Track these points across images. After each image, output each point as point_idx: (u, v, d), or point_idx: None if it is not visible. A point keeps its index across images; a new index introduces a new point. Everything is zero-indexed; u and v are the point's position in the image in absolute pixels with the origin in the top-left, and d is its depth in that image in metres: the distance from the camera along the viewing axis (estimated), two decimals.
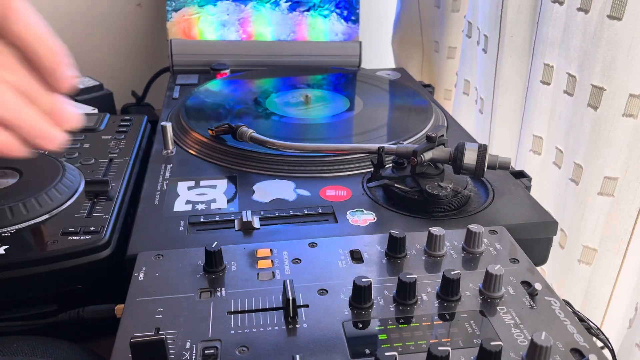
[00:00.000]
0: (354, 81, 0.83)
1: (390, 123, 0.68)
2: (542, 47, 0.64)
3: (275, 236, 0.46)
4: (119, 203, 0.50)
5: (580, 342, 0.34)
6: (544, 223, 0.49)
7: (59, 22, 1.03)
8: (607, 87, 0.53)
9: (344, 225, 0.47)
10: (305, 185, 0.54)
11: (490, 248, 0.43)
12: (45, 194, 0.48)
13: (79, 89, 0.84)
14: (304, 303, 0.37)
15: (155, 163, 0.58)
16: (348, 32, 0.98)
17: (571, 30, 0.58)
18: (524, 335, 0.35)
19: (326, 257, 0.42)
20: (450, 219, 0.49)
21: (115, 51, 1.07)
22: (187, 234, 0.46)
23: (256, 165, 0.57)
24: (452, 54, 0.95)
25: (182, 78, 0.87)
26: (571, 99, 0.60)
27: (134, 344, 0.32)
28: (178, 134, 0.64)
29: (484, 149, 0.49)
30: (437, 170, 0.51)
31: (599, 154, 0.55)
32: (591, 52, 0.55)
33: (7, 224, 0.45)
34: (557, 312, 0.37)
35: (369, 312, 0.36)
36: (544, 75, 0.64)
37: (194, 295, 0.38)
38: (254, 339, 0.34)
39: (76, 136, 0.63)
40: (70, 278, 0.43)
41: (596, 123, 0.55)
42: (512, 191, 0.53)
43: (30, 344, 0.37)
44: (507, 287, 0.39)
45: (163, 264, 0.41)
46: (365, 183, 0.54)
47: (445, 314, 0.37)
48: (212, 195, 0.52)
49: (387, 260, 0.42)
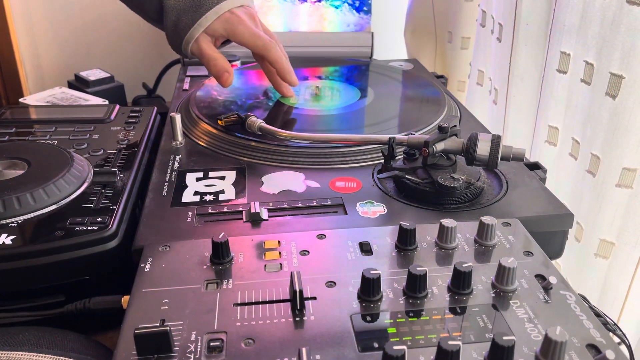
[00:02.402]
0: (365, 72, 0.82)
1: (402, 114, 0.67)
2: (558, 34, 0.62)
3: (283, 228, 0.45)
4: (127, 194, 0.50)
5: (596, 337, 0.33)
6: (560, 215, 0.47)
7: (70, 14, 1.03)
8: (626, 75, 0.52)
9: (353, 217, 0.47)
10: (315, 176, 0.53)
11: (503, 241, 0.42)
12: (53, 185, 0.47)
13: (89, 81, 0.84)
14: (311, 295, 0.36)
15: (164, 154, 0.58)
16: (360, 23, 0.96)
17: (589, 16, 0.56)
18: (537, 330, 0.34)
19: (335, 249, 0.41)
20: (462, 211, 0.48)
21: (126, 43, 1.07)
22: (194, 225, 0.46)
23: (265, 156, 0.56)
24: (466, 44, 0.93)
25: (193, 70, 0.86)
26: (588, 87, 0.58)
27: (138, 335, 0.31)
28: (187, 125, 0.63)
29: (498, 140, 0.48)
30: (450, 162, 0.50)
31: (617, 144, 0.54)
32: (610, 38, 0.53)
33: (14, 214, 0.45)
34: (572, 307, 0.36)
35: (378, 305, 0.36)
36: (561, 63, 0.63)
37: (200, 287, 0.37)
38: (261, 331, 0.33)
39: (85, 127, 0.63)
40: (77, 269, 0.43)
41: (614, 112, 0.53)
42: (527, 183, 0.52)
43: (36, 335, 0.37)
44: (520, 281, 0.38)
45: (170, 255, 0.40)
46: (375, 174, 0.53)
47: (457, 308, 0.36)
48: (221, 187, 0.51)
49: (397, 252, 0.41)
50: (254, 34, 0.63)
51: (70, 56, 1.06)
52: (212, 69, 0.64)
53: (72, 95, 0.78)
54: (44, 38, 1.04)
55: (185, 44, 0.63)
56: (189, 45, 0.63)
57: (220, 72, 0.64)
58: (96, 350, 0.39)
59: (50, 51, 1.05)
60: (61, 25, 1.04)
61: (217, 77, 0.64)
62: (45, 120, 0.65)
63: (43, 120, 0.66)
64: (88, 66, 0.92)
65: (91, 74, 0.86)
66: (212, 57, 0.63)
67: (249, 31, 0.63)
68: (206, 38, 0.63)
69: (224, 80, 0.64)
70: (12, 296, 0.43)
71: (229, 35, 0.63)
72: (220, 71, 0.64)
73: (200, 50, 0.63)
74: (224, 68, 0.64)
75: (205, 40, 0.63)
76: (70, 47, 1.06)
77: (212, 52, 0.64)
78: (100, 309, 0.41)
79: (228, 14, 0.62)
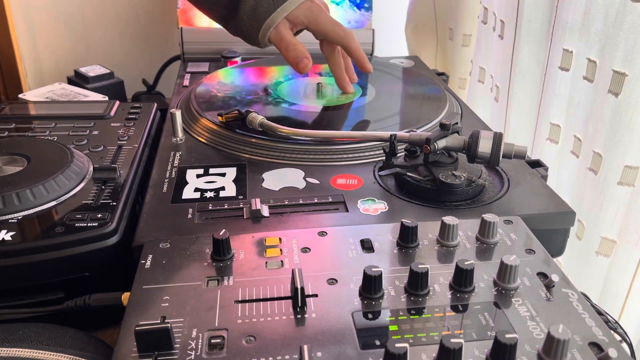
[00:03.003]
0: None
1: (403, 111, 0.67)
2: (561, 31, 0.62)
3: (284, 225, 0.45)
4: (127, 190, 0.49)
5: (598, 335, 0.33)
6: (561, 213, 0.47)
7: (69, 10, 1.03)
8: (629, 72, 0.51)
9: (354, 214, 0.46)
10: (316, 173, 0.53)
11: (505, 238, 0.42)
12: (52, 181, 0.47)
13: (89, 77, 0.83)
14: (312, 292, 0.36)
15: (164, 150, 0.57)
16: (361, 20, 0.96)
17: (592, 13, 0.56)
18: (540, 328, 0.34)
19: (336, 246, 0.41)
20: (463, 208, 0.47)
21: (126, 39, 1.07)
22: (195, 222, 0.45)
23: (266, 153, 0.56)
24: (467, 41, 0.93)
25: (193, 66, 0.86)
26: (591, 85, 0.58)
27: (138, 332, 0.31)
28: (187, 122, 0.63)
29: (499, 137, 0.48)
30: (451, 159, 0.50)
31: (620, 142, 0.54)
32: (613, 36, 0.53)
33: (14, 210, 0.44)
34: (574, 305, 0.35)
35: (380, 303, 0.35)
36: (563, 61, 0.62)
37: (200, 284, 0.37)
38: (262, 328, 0.33)
39: (85, 123, 0.62)
40: (77, 265, 0.43)
41: (617, 110, 0.53)
42: (528, 181, 0.51)
43: (36, 331, 0.37)
44: (522, 279, 0.38)
45: (170, 252, 0.40)
46: (376, 171, 0.53)
47: (458, 305, 0.35)
48: (221, 183, 0.51)
49: (398, 250, 0.41)
50: (336, 23, 0.64)
51: (70, 52, 1.06)
52: (292, 54, 0.64)
53: (72, 91, 0.78)
54: (43, 34, 1.03)
55: (265, 29, 0.63)
56: (268, 31, 0.63)
57: (300, 58, 0.64)
58: (96, 347, 0.38)
59: (50, 47, 1.05)
60: (61, 21, 1.03)
61: (295, 63, 0.64)
62: (44, 116, 0.65)
63: (42, 116, 0.66)
64: (88, 62, 0.91)
65: (91, 70, 0.86)
66: (292, 43, 0.64)
67: (331, 20, 0.64)
68: (286, 24, 0.63)
69: (302, 66, 0.64)
70: (12, 293, 0.42)
71: (310, 22, 0.64)
72: (299, 56, 0.64)
73: (280, 35, 0.63)
74: (303, 54, 0.64)
75: (285, 26, 0.63)
76: (70, 42, 1.05)
77: (291, 37, 0.64)
78: (100, 306, 0.41)
79: (309, 2, 0.63)
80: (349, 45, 0.66)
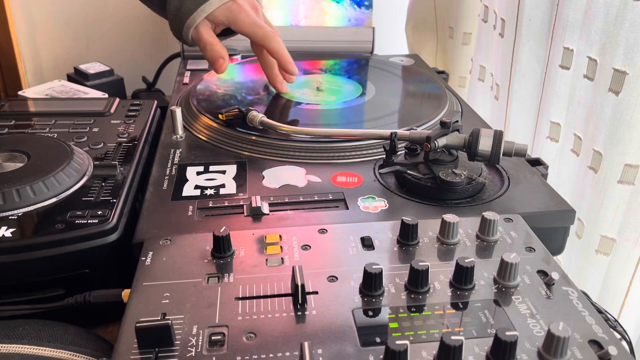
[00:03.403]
0: (366, 67, 0.82)
1: (403, 109, 0.67)
2: (561, 30, 0.62)
3: (284, 222, 0.45)
4: (127, 187, 0.49)
5: (598, 333, 0.33)
6: (561, 212, 0.47)
7: (69, 7, 1.02)
8: (629, 71, 0.51)
9: (354, 212, 0.46)
10: (316, 171, 0.53)
11: (505, 236, 0.42)
12: (53, 178, 0.47)
13: (89, 74, 0.83)
14: (313, 290, 0.36)
15: (164, 148, 0.57)
16: (361, 18, 0.96)
17: (592, 11, 0.56)
18: (540, 325, 0.34)
19: (336, 243, 0.41)
20: (464, 206, 0.47)
21: (126, 36, 1.07)
22: (195, 219, 0.45)
23: (266, 150, 0.56)
24: (467, 40, 0.93)
25: (193, 63, 0.86)
26: (591, 83, 0.58)
27: (139, 328, 0.31)
28: (187, 119, 0.63)
29: (500, 135, 0.48)
30: (451, 157, 0.50)
31: (620, 140, 0.54)
32: (613, 34, 0.53)
33: (14, 206, 0.44)
34: (574, 303, 0.36)
35: (380, 300, 0.35)
36: (564, 59, 0.62)
37: (201, 281, 0.37)
38: (262, 325, 0.33)
39: (85, 120, 0.62)
40: (77, 262, 0.43)
41: (617, 108, 0.53)
42: (528, 179, 0.51)
43: (36, 328, 0.37)
44: (522, 276, 0.38)
45: (170, 249, 0.40)
46: (376, 169, 0.53)
47: (459, 303, 0.35)
48: (221, 181, 0.51)
49: (398, 247, 0.41)
50: (254, 24, 0.64)
51: (70, 49, 1.05)
52: (208, 54, 0.64)
53: (72, 88, 0.78)
54: (43, 31, 1.03)
55: (186, 28, 0.63)
56: (189, 31, 0.63)
57: (215, 58, 0.64)
58: (96, 344, 0.38)
59: (50, 44, 1.05)
60: (60, 18, 1.03)
61: (212, 63, 0.65)
62: (44, 113, 0.65)
63: (42, 113, 0.65)
64: (87, 59, 0.91)
65: (91, 67, 0.86)
66: (209, 43, 0.64)
67: (250, 20, 0.64)
68: (207, 24, 0.64)
69: (218, 66, 0.65)
70: (12, 289, 0.42)
71: (229, 22, 0.64)
72: (215, 57, 0.64)
73: (199, 35, 0.64)
74: (219, 54, 0.64)
75: (206, 26, 0.64)
76: (70, 40, 1.05)
77: (210, 37, 0.64)
78: (101, 303, 0.41)
79: (231, 3, 0.63)
80: (268, 47, 0.65)
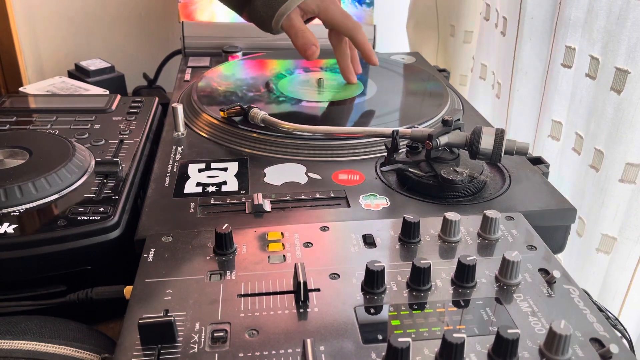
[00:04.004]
0: (368, 65, 0.81)
1: (404, 107, 0.67)
2: (563, 28, 0.61)
3: (286, 219, 0.45)
4: (129, 184, 0.49)
5: (600, 331, 0.33)
6: (562, 210, 0.47)
7: (70, 3, 1.02)
8: (631, 69, 0.51)
9: (356, 210, 0.46)
10: (317, 169, 0.53)
11: (506, 234, 0.42)
12: (55, 174, 0.47)
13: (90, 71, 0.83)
14: (315, 287, 0.36)
15: (165, 145, 0.57)
16: (362, 15, 0.96)
17: (595, 10, 0.56)
18: (541, 323, 0.34)
19: (338, 241, 0.41)
20: (465, 204, 0.47)
21: (127, 33, 1.06)
22: (197, 216, 0.45)
23: (268, 148, 0.56)
24: (469, 38, 0.93)
25: (194, 60, 0.86)
26: (593, 82, 0.58)
27: (142, 325, 0.31)
28: (189, 116, 0.63)
29: (502, 134, 0.48)
30: (453, 155, 0.50)
31: (621, 139, 0.54)
32: (616, 33, 0.53)
33: (16, 203, 0.44)
34: (575, 301, 0.36)
35: (382, 298, 0.36)
36: (565, 58, 0.62)
37: (203, 278, 0.37)
38: (264, 322, 0.33)
39: (86, 117, 0.62)
40: (79, 259, 0.43)
41: (619, 107, 0.53)
42: (529, 177, 0.51)
43: (38, 324, 0.37)
44: (524, 275, 0.38)
45: (172, 246, 0.40)
46: (378, 167, 0.53)
47: (460, 301, 0.36)
48: (223, 178, 0.51)
49: (400, 245, 0.41)
50: (345, 15, 0.66)
51: (71, 46, 1.05)
52: (300, 41, 0.65)
53: (73, 84, 0.78)
54: (44, 27, 1.03)
55: (278, 16, 0.64)
56: (281, 18, 0.64)
57: (307, 45, 0.65)
58: (98, 340, 0.39)
59: (51, 40, 1.04)
60: (61, 14, 1.03)
61: (303, 50, 0.66)
62: (46, 110, 0.65)
63: (44, 109, 0.65)
64: (88, 56, 0.91)
65: (91, 63, 0.86)
66: (302, 30, 0.65)
67: (340, 11, 0.66)
68: (297, 12, 0.65)
69: (310, 53, 0.65)
70: (14, 285, 0.42)
71: (320, 12, 0.66)
72: (307, 44, 0.65)
73: (291, 22, 0.65)
74: (311, 41, 0.65)
75: (297, 13, 0.65)
76: (71, 36, 1.05)
77: (302, 25, 0.65)
78: (103, 299, 0.41)
79: None
80: (355, 38, 0.67)
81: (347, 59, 0.70)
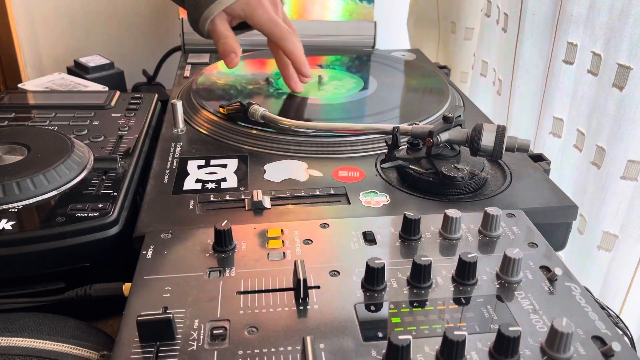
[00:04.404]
0: (368, 62, 0.81)
1: (405, 104, 0.67)
2: (565, 25, 0.61)
3: (286, 216, 0.45)
4: (128, 180, 0.49)
5: (602, 329, 0.33)
6: (564, 207, 0.47)
7: (70, 0, 1.02)
8: (634, 66, 0.51)
9: (356, 207, 0.46)
10: (317, 165, 0.53)
11: (507, 232, 0.42)
12: (53, 170, 0.47)
13: (89, 67, 0.83)
14: (315, 284, 0.36)
15: (165, 141, 0.57)
16: (363, 12, 0.95)
17: (597, 6, 0.55)
18: (543, 321, 0.33)
19: (338, 238, 0.41)
20: (466, 201, 0.47)
21: (127, 29, 1.06)
22: (196, 213, 0.45)
23: (267, 145, 0.56)
24: (469, 35, 0.93)
25: (194, 57, 0.85)
26: (595, 79, 0.57)
27: (141, 322, 0.31)
28: (188, 113, 0.62)
29: (503, 131, 0.47)
30: (454, 152, 0.50)
31: (623, 136, 0.53)
32: (618, 29, 0.52)
33: (14, 199, 0.44)
34: (577, 298, 0.35)
35: (382, 295, 0.35)
36: (567, 54, 0.62)
37: (202, 275, 0.37)
38: (264, 319, 0.33)
39: (85, 113, 0.62)
40: (78, 255, 0.43)
41: (621, 104, 0.53)
42: (531, 174, 0.51)
43: (36, 321, 0.37)
44: (525, 272, 0.37)
45: (172, 243, 0.40)
46: (378, 164, 0.53)
47: (461, 298, 0.35)
48: (223, 174, 0.51)
49: (400, 242, 0.41)
50: (271, 20, 0.62)
51: (70, 42, 1.05)
52: (221, 47, 0.63)
53: (72, 81, 0.77)
54: (43, 23, 1.03)
55: (203, 20, 0.62)
56: (206, 22, 0.62)
57: (227, 52, 0.63)
58: (97, 337, 0.38)
59: (50, 37, 1.04)
60: (60, 11, 1.02)
61: (223, 56, 0.64)
62: (44, 106, 0.65)
63: (42, 105, 0.65)
64: (88, 52, 0.91)
65: (91, 60, 0.85)
66: (223, 36, 0.63)
67: (267, 16, 0.62)
68: (223, 17, 0.63)
69: (229, 60, 0.63)
70: (13, 282, 0.42)
71: (246, 17, 0.63)
72: (227, 50, 0.63)
73: (214, 27, 0.63)
74: (232, 48, 0.63)
75: (222, 18, 0.63)
76: (70, 32, 1.04)
77: (224, 30, 0.63)
78: (101, 296, 0.41)
79: None
80: (283, 47, 0.63)
81: (287, 66, 0.66)
